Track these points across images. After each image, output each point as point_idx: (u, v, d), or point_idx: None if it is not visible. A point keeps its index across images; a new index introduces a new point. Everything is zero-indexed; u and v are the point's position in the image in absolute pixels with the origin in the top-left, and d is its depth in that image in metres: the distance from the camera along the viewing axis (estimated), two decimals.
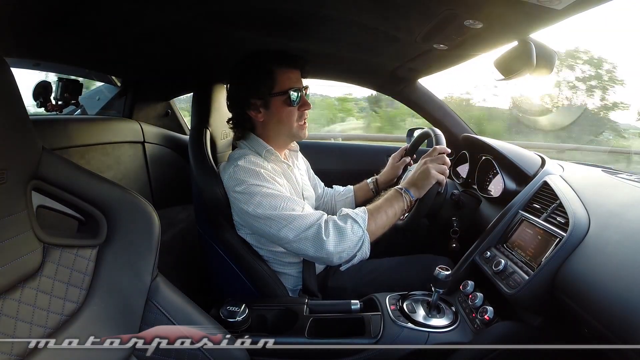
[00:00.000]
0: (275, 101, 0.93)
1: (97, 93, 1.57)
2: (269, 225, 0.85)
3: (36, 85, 1.13)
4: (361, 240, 0.85)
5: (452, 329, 0.79)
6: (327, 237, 0.82)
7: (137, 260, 0.58)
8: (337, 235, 0.83)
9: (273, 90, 0.92)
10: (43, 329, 0.48)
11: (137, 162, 1.48)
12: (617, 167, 1.08)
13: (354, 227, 0.84)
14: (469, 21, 0.69)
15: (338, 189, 1.30)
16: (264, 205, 0.84)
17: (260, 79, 0.91)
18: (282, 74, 0.92)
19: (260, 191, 0.85)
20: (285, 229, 0.83)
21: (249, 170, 0.87)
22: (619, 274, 0.58)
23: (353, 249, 0.84)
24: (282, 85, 0.92)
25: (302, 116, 0.97)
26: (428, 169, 0.92)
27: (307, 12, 0.83)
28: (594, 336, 0.57)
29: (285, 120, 0.95)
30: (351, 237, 0.84)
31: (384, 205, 0.90)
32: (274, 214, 0.84)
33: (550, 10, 0.60)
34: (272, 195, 0.85)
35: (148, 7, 0.76)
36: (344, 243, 0.83)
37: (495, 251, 0.88)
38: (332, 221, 0.85)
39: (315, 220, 0.84)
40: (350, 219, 0.85)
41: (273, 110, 0.94)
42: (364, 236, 0.85)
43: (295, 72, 0.95)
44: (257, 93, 0.92)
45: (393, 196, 0.91)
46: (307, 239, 0.83)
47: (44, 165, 0.50)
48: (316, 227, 0.83)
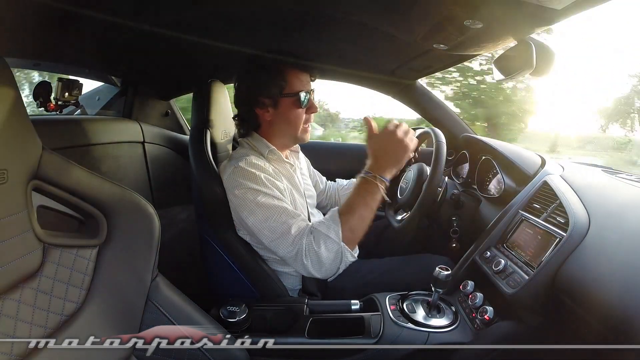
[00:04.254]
0: (285, 102, 0.93)
1: (97, 93, 1.57)
2: (259, 234, 0.87)
3: (36, 85, 1.13)
4: (338, 253, 0.84)
5: (452, 329, 0.79)
6: (307, 260, 0.84)
7: (137, 260, 0.58)
8: (315, 259, 0.84)
9: (284, 91, 0.92)
10: (43, 329, 0.48)
11: (137, 162, 1.48)
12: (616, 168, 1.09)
13: (327, 245, 0.83)
14: (469, 21, 0.69)
15: (341, 183, 1.31)
16: (256, 214, 0.85)
17: (272, 78, 0.91)
18: (293, 75, 0.93)
19: (255, 198, 0.85)
20: (273, 243, 0.86)
21: (248, 173, 0.87)
22: (619, 274, 0.58)
23: (333, 265, 0.85)
24: (293, 87, 0.93)
25: (308, 119, 0.98)
26: (397, 138, 0.86)
27: (307, 12, 0.83)
28: (594, 336, 0.57)
29: (293, 122, 0.96)
30: (327, 257, 0.83)
31: (356, 204, 0.86)
32: (265, 225, 0.85)
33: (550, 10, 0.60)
34: (266, 205, 0.85)
35: (148, 7, 0.76)
36: (323, 265, 0.84)
37: (495, 251, 0.88)
38: (307, 242, 0.84)
39: (298, 241, 0.84)
40: (323, 237, 0.83)
41: (281, 110, 0.94)
42: (340, 249, 0.84)
43: (305, 74, 0.95)
44: (268, 92, 0.92)
45: (364, 188, 0.86)
46: (292, 258, 0.85)
47: (44, 165, 0.50)
48: (297, 249, 0.84)
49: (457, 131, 1.46)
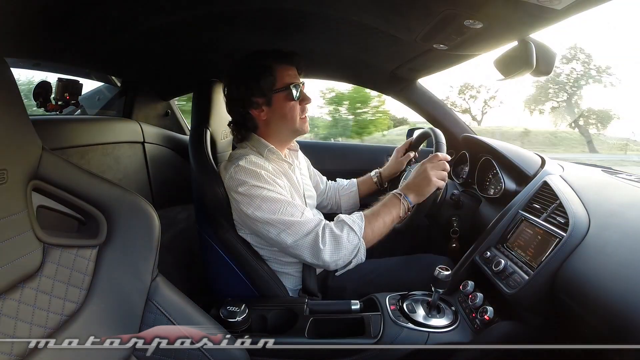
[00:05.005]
0: (277, 97, 0.93)
1: (97, 93, 1.57)
2: (267, 230, 0.86)
3: (36, 85, 1.13)
4: (357, 248, 0.86)
5: (452, 329, 0.79)
6: (323, 245, 0.84)
7: (137, 260, 0.58)
8: (334, 244, 0.85)
9: (274, 87, 0.92)
10: (43, 329, 0.48)
11: (137, 162, 1.48)
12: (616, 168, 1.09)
13: (349, 236, 0.86)
14: (469, 21, 0.69)
15: (342, 183, 1.31)
16: (263, 208, 0.85)
17: (260, 76, 0.91)
18: (280, 70, 0.93)
19: (261, 194, 0.85)
20: (283, 234, 0.85)
21: (249, 171, 0.87)
22: (619, 274, 0.58)
23: (349, 256, 0.86)
24: (282, 82, 0.93)
25: (303, 110, 0.98)
26: (428, 175, 0.92)
27: (307, 12, 0.83)
28: (594, 336, 0.57)
29: (289, 115, 0.95)
30: (347, 246, 0.85)
31: (381, 211, 0.90)
32: (273, 218, 0.84)
33: (550, 10, 0.60)
34: (272, 198, 0.85)
35: (148, 7, 0.76)
36: (340, 251, 0.85)
37: (495, 251, 0.88)
38: (328, 229, 0.86)
39: (313, 227, 0.85)
40: (347, 227, 0.86)
41: (275, 106, 0.94)
42: (359, 244, 0.86)
43: (292, 68, 0.96)
44: (259, 91, 0.92)
45: (391, 202, 0.92)
46: (304, 246, 0.85)
47: (44, 165, 0.50)
48: (313, 234, 0.84)
49: (457, 131, 1.46)
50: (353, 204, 1.28)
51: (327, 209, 1.30)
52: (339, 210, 1.30)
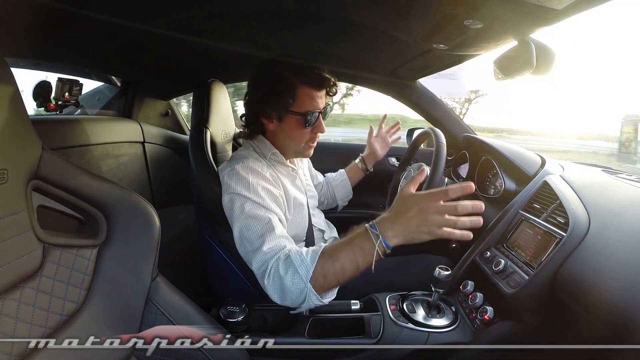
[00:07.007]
0: (290, 118, 0.89)
1: (97, 93, 1.57)
2: (238, 244, 0.83)
3: (36, 85, 1.13)
4: (303, 292, 0.71)
5: (452, 329, 0.79)
6: (268, 283, 0.75)
7: (137, 260, 0.58)
8: (278, 284, 0.73)
9: (290, 108, 0.87)
10: (43, 329, 0.48)
11: (137, 162, 1.48)
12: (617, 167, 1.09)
13: (294, 279, 0.71)
14: (469, 21, 0.69)
15: (331, 176, 1.34)
16: (240, 220, 0.82)
17: (281, 92, 0.86)
18: (303, 94, 0.87)
19: (242, 205, 0.82)
20: (248, 255, 0.81)
21: (241, 178, 0.85)
22: (619, 274, 0.58)
23: (295, 300, 0.73)
24: (301, 106, 0.87)
25: (313, 138, 0.95)
26: (425, 214, 0.65)
27: (307, 12, 0.83)
28: (594, 336, 0.57)
29: (295, 139, 0.93)
30: (291, 289, 0.72)
31: (341, 254, 0.70)
32: (245, 235, 0.80)
33: (550, 10, 0.60)
34: (249, 214, 0.81)
35: (148, 7, 0.76)
36: (285, 293, 0.73)
37: (495, 251, 0.88)
38: (275, 267, 0.74)
39: (267, 260, 0.76)
40: (292, 269, 0.72)
41: (285, 126, 0.91)
42: (306, 289, 0.71)
43: (318, 92, 0.89)
44: (275, 105, 0.88)
45: (359, 244, 0.69)
46: (258, 275, 0.78)
47: (44, 165, 0.50)
48: (264, 268, 0.76)
49: (457, 131, 1.46)
50: (346, 193, 1.32)
51: (325, 205, 1.31)
52: (335, 203, 1.33)
